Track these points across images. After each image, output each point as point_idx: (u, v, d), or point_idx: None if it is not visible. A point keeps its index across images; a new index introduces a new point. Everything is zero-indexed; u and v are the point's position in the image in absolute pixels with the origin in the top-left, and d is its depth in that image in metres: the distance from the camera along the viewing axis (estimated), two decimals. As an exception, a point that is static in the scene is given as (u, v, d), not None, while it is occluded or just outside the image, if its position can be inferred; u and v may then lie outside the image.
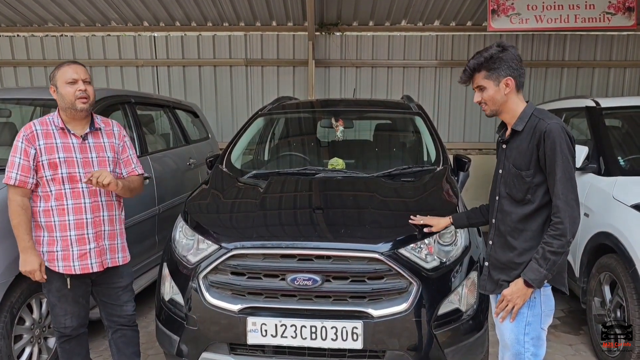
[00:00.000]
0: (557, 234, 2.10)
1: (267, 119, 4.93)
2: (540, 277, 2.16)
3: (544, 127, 2.14)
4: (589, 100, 4.65)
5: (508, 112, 2.30)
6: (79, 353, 3.02)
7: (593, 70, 8.34)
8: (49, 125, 2.78)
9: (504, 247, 2.32)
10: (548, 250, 2.12)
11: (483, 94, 2.28)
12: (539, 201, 2.20)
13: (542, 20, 7.08)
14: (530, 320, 2.26)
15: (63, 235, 2.74)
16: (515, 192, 2.25)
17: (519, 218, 2.25)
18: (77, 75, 2.73)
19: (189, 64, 8.53)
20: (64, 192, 2.73)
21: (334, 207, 3.32)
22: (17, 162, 2.70)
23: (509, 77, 2.22)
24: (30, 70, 8.75)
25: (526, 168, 2.21)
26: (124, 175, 2.97)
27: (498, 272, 2.35)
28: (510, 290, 2.24)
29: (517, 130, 2.26)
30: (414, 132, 4.76)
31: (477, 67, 2.26)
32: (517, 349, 2.28)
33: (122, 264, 2.98)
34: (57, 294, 2.83)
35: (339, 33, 8.38)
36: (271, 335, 2.75)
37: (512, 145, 2.31)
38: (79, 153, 2.78)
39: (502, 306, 2.28)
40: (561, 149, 2.10)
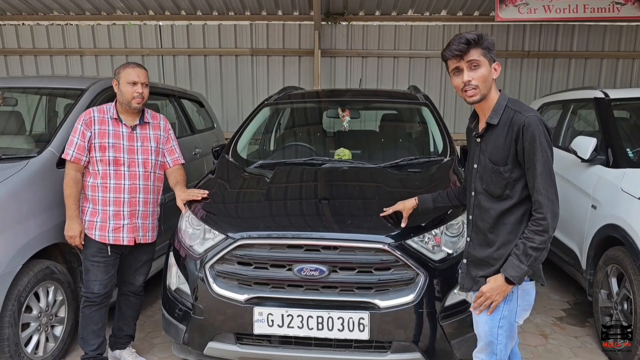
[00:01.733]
0: (540, 230, 2.04)
1: (273, 109, 4.92)
2: (521, 273, 2.08)
3: (522, 120, 2.06)
4: (597, 91, 4.60)
5: (487, 100, 2.19)
6: (97, 322, 3.23)
7: (601, 61, 8.27)
8: (106, 114, 3.18)
9: (482, 243, 2.24)
10: (530, 246, 2.05)
11: (476, 72, 2.11)
12: (518, 196, 2.13)
13: (551, 10, 7.01)
14: (505, 314, 2.20)
15: (103, 209, 3.14)
16: (493, 188, 2.17)
17: (498, 213, 2.17)
18: (138, 78, 3.14)
19: (195, 53, 8.51)
20: (108, 172, 3.13)
21: (341, 198, 3.31)
22: (75, 142, 3.11)
23: (497, 62, 2.16)
24: (36, 58, 8.75)
25: (504, 163, 2.13)
26: (167, 162, 3.38)
27: (477, 268, 2.27)
28: (490, 286, 2.16)
29: (492, 124, 2.16)
30: (421, 122, 4.73)
31: (476, 40, 2.09)
32: (490, 340, 2.24)
33: (151, 241, 3.36)
34: (92, 259, 3.16)
35: (345, 23, 8.33)
36: (277, 325, 2.75)
37: (487, 140, 2.21)
38: (126, 141, 3.18)
39: (480, 301, 2.20)
40: (540, 143, 2.03)
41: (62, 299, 3.43)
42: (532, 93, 8.32)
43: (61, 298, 3.43)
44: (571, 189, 4.34)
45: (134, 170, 3.18)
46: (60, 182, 3.16)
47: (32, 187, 3.25)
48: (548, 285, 4.98)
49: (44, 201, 3.30)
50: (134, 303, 3.49)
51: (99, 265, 3.16)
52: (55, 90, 4.41)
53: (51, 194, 3.33)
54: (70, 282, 3.48)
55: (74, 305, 3.51)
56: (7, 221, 3.03)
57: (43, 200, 3.30)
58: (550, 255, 4.81)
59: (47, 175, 3.37)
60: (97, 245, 3.15)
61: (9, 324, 2.99)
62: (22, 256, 3.07)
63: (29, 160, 3.35)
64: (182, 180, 3.38)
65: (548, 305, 4.52)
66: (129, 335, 3.52)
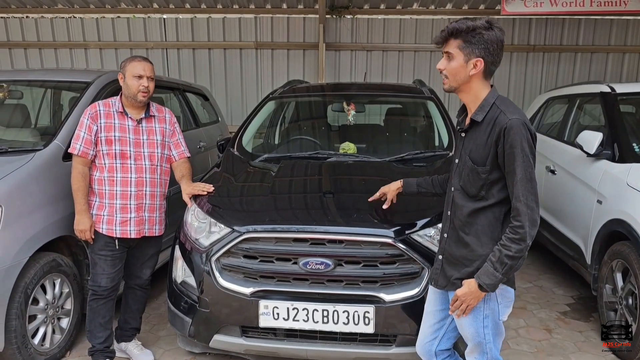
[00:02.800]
0: (517, 238, 1.98)
1: (278, 103, 4.91)
2: (496, 281, 2.03)
3: (505, 122, 1.98)
4: (603, 85, 4.58)
5: (468, 94, 2.13)
6: (104, 315, 3.24)
7: (607, 55, 8.23)
8: (111, 107, 3.17)
9: (457, 241, 2.20)
10: (506, 254, 1.99)
11: (449, 64, 2.09)
12: (493, 198, 2.08)
13: (557, 4, 6.97)
14: (487, 313, 2.16)
15: (110, 203, 3.13)
16: (469, 186, 2.13)
17: (470, 212, 2.13)
18: (144, 72, 3.14)
19: (199, 47, 8.50)
20: (115, 166, 3.13)
21: (346, 192, 3.32)
22: (81, 136, 3.09)
23: (479, 59, 2.03)
24: (40, 51, 8.75)
25: (482, 163, 2.07)
26: (173, 156, 3.37)
27: (451, 267, 2.22)
28: (463, 291, 2.11)
29: (477, 120, 2.10)
30: (426, 116, 4.72)
31: (455, 32, 2.04)
32: (478, 341, 2.22)
33: (158, 234, 3.36)
34: (99, 253, 3.17)
35: (350, 16, 8.31)
36: (283, 319, 2.77)
37: (470, 136, 2.15)
38: (132, 134, 3.17)
39: (456, 305, 2.16)
40: (522, 148, 1.95)
41: (68, 291, 3.45)
42: (538, 87, 8.29)
43: (67, 290, 3.45)
44: (577, 183, 4.33)
45: (141, 163, 3.18)
46: (66, 175, 3.17)
47: (38, 180, 3.26)
48: (553, 279, 4.99)
49: (50, 194, 3.31)
50: (141, 296, 3.50)
51: (106, 258, 3.17)
52: (61, 83, 4.41)
53: (57, 187, 3.34)
54: (76, 275, 3.50)
55: (80, 297, 3.53)
56: (13, 214, 3.04)
57: (49, 193, 3.31)
58: (554, 249, 4.81)
59: (53, 168, 3.38)
60: (104, 238, 3.15)
61: (16, 316, 3.00)
62: (29, 249, 3.08)
63: (35, 153, 3.35)
64: (187, 173, 3.39)
65: (552, 300, 4.52)
66: (135, 328, 3.54)
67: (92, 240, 3.15)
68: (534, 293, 4.67)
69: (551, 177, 4.86)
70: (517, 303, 4.38)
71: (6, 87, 4.30)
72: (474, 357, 2.30)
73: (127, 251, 3.28)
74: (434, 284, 2.35)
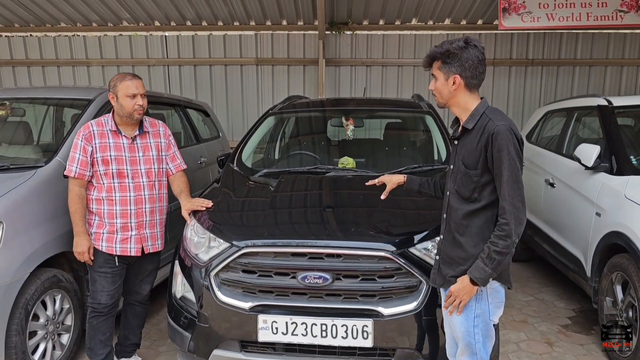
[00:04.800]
0: (503, 235, 2.12)
1: (277, 118, 4.95)
2: (485, 275, 2.17)
3: (493, 128, 2.14)
4: (601, 99, 4.61)
5: (457, 107, 2.31)
6: (104, 332, 3.25)
7: (605, 68, 8.28)
8: (104, 127, 3.16)
9: (452, 242, 2.33)
10: (493, 250, 2.13)
11: (435, 84, 2.31)
12: (485, 200, 2.22)
13: (554, 19, 7.03)
14: (478, 312, 2.27)
15: (110, 222, 3.14)
16: (463, 190, 2.27)
17: (464, 214, 2.26)
18: (137, 90, 3.12)
19: (200, 63, 8.58)
20: (113, 186, 3.12)
21: (344, 206, 3.33)
22: (77, 158, 3.08)
23: (456, 75, 2.22)
24: (43, 69, 8.85)
25: (474, 167, 2.22)
26: (169, 169, 3.39)
27: (447, 266, 2.36)
28: (457, 287, 2.25)
29: (467, 128, 2.26)
30: (425, 131, 4.75)
31: (434, 56, 2.28)
32: (468, 340, 2.30)
33: (160, 250, 3.38)
34: (99, 270, 3.17)
35: (350, 32, 8.39)
36: (282, 333, 2.77)
37: (462, 143, 2.32)
38: (128, 152, 3.17)
39: (449, 301, 2.29)
40: (508, 151, 2.10)
41: (68, 307, 3.46)
42: (537, 101, 8.33)
43: (68, 306, 3.46)
44: (575, 196, 4.34)
45: (138, 181, 3.18)
46: (67, 192, 3.18)
47: (40, 196, 3.29)
48: (554, 292, 4.98)
49: (51, 210, 3.34)
50: (140, 312, 3.51)
51: (106, 276, 3.17)
52: (63, 100, 4.46)
53: (58, 203, 3.36)
54: (76, 291, 3.51)
55: (80, 313, 3.54)
56: (14, 230, 3.06)
57: (50, 210, 3.33)
58: (555, 262, 4.81)
59: (54, 184, 3.40)
60: (104, 256, 3.15)
61: (16, 332, 3.01)
62: (30, 265, 3.10)
63: (37, 170, 3.39)
64: (185, 188, 3.39)
65: (553, 313, 4.51)
66: (135, 344, 3.54)
67: (91, 261, 3.15)
68: (535, 306, 4.66)
69: (550, 190, 4.88)
70: (518, 316, 4.40)
71: (8, 104, 4.34)
72: (464, 357, 2.35)
73: (127, 268, 3.29)
74: (433, 283, 2.50)
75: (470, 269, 2.21)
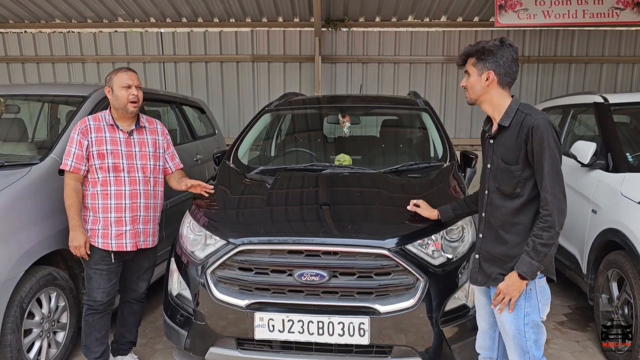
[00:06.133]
0: (546, 226, 2.16)
1: (274, 115, 4.94)
2: (533, 269, 2.20)
3: (532, 122, 2.20)
4: (597, 96, 4.62)
5: (489, 104, 2.36)
6: (100, 329, 3.24)
7: (601, 65, 8.29)
8: (101, 121, 3.17)
9: (495, 240, 2.36)
10: (538, 242, 2.17)
11: (467, 80, 2.38)
12: (528, 194, 2.25)
13: (550, 16, 7.03)
14: (528, 310, 2.30)
15: (104, 217, 3.12)
16: (505, 186, 2.30)
17: (510, 212, 2.30)
18: (131, 81, 3.14)
19: (196, 60, 8.55)
20: (108, 179, 3.12)
21: (341, 203, 3.32)
22: (72, 152, 3.08)
23: (490, 71, 2.29)
24: (38, 66, 8.79)
25: (515, 163, 2.26)
26: (169, 167, 3.43)
27: (490, 264, 2.39)
28: (505, 283, 2.28)
29: (504, 125, 2.30)
30: (421, 128, 4.75)
31: (470, 53, 2.36)
32: (519, 339, 2.33)
33: (152, 246, 3.35)
34: (94, 267, 3.16)
35: (346, 29, 8.37)
36: (278, 331, 2.76)
37: (499, 141, 2.35)
38: (124, 146, 3.17)
39: (499, 299, 2.31)
40: (548, 143, 2.15)
41: (64, 305, 3.45)
42: (533, 98, 8.34)
43: (63, 304, 3.44)
44: (571, 193, 4.33)
45: (134, 175, 3.18)
46: (62, 189, 3.16)
47: (35, 193, 3.28)
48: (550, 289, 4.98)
49: (46, 208, 3.32)
50: (136, 310, 3.50)
51: (102, 273, 3.16)
52: (58, 97, 4.44)
53: (53, 201, 3.35)
54: (72, 288, 3.49)
55: (76, 311, 3.52)
56: (9, 228, 3.05)
57: (45, 207, 3.32)
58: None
59: (49, 182, 3.39)
60: (100, 253, 3.14)
61: (11, 330, 3.00)
62: (25, 263, 3.09)
63: (32, 167, 3.37)
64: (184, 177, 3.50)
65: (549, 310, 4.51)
66: (131, 342, 3.53)
67: (87, 256, 3.13)
68: (530, 303, 4.66)
69: (546, 187, 4.87)
70: (514, 313, 4.40)
71: (3, 101, 4.32)
72: (515, 357, 2.37)
73: (123, 265, 3.28)
74: (474, 282, 2.51)
75: (516, 264, 2.24)
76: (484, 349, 2.61)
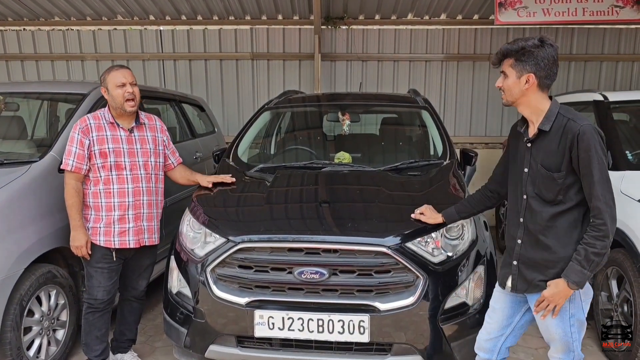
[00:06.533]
0: (601, 235, 2.11)
1: (273, 113, 4.94)
2: (584, 278, 2.16)
3: (577, 128, 2.12)
4: (596, 94, 4.62)
5: (527, 107, 2.28)
6: (100, 328, 3.23)
7: (601, 63, 8.28)
8: (101, 120, 3.16)
9: (535, 246, 2.30)
10: (592, 251, 2.11)
11: (504, 81, 2.28)
12: (570, 201, 2.20)
13: (550, 14, 7.03)
14: (573, 312, 2.29)
15: (107, 215, 3.12)
16: (546, 193, 2.24)
17: (550, 216, 2.23)
18: (125, 79, 3.11)
19: (195, 58, 8.53)
20: (111, 178, 3.11)
21: (341, 201, 3.32)
22: (73, 151, 3.06)
23: (531, 74, 2.19)
24: (37, 64, 8.77)
25: (557, 170, 2.19)
26: (172, 163, 3.47)
27: (532, 271, 2.32)
28: (551, 291, 2.22)
29: (544, 130, 2.23)
30: (421, 126, 4.74)
31: (507, 53, 2.25)
32: (566, 340, 2.33)
33: (155, 243, 3.36)
34: (95, 266, 3.15)
35: (345, 27, 8.35)
36: (278, 328, 2.77)
37: (538, 145, 2.27)
38: (125, 144, 3.17)
39: (543, 306, 2.26)
40: (596, 151, 2.09)
41: (63, 302, 3.45)
42: (532, 96, 8.31)
43: (63, 302, 3.45)
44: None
45: (136, 173, 3.18)
46: (62, 187, 3.16)
47: (34, 191, 3.27)
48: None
49: (46, 206, 3.32)
50: (136, 308, 3.50)
51: (102, 271, 3.15)
52: (57, 95, 4.43)
53: (53, 199, 3.35)
54: (72, 286, 3.50)
55: (75, 308, 3.53)
56: (9, 226, 3.05)
57: (45, 205, 3.31)
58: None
59: (48, 179, 3.39)
60: (101, 251, 3.14)
61: (11, 328, 3.00)
62: (24, 260, 3.09)
63: (31, 165, 3.37)
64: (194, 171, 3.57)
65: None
66: (131, 339, 3.53)
67: (88, 255, 3.12)
68: (530, 301, 4.66)
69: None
70: (513, 311, 4.40)
71: (2, 99, 4.31)
72: (558, 357, 2.39)
73: (123, 263, 3.27)
74: (514, 290, 2.41)
75: (566, 273, 2.18)
76: (484, 351, 2.58)
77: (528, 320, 2.52)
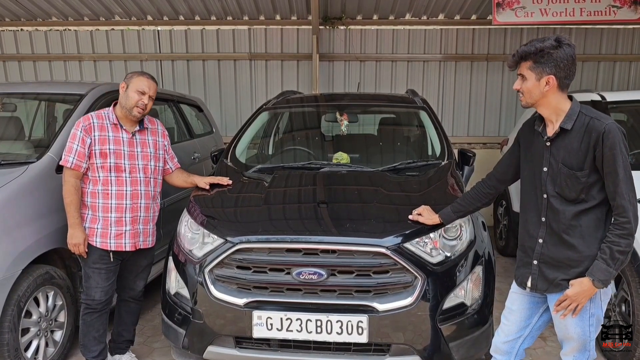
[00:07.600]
0: (625, 234, 2.12)
1: (271, 113, 4.93)
2: (610, 277, 2.16)
3: (602, 127, 2.12)
4: (594, 94, 4.62)
5: (547, 107, 2.27)
6: (98, 328, 3.23)
7: (598, 64, 8.29)
8: (104, 120, 3.15)
9: (558, 244, 2.29)
10: (617, 250, 2.12)
11: (523, 84, 2.26)
12: (593, 200, 2.20)
13: (548, 14, 7.03)
14: (593, 311, 2.29)
15: (104, 216, 3.12)
16: (568, 191, 2.23)
17: (573, 215, 2.23)
18: (148, 90, 3.14)
19: (193, 58, 8.52)
20: (109, 179, 3.11)
21: (339, 202, 3.32)
22: (74, 148, 3.05)
23: (551, 76, 2.18)
24: (34, 64, 8.75)
25: (579, 168, 2.18)
26: (170, 168, 3.49)
27: (554, 270, 2.31)
28: (575, 290, 2.21)
29: (566, 128, 2.22)
30: (419, 126, 4.74)
31: (525, 55, 2.22)
32: (584, 339, 2.33)
33: (151, 246, 3.38)
34: (93, 266, 3.15)
35: (343, 27, 8.35)
36: (276, 329, 2.76)
37: (559, 144, 2.26)
38: (126, 147, 3.17)
39: (564, 305, 2.25)
40: (620, 149, 2.10)
41: (61, 303, 3.44)
42: (530, 96, 8.32)
43: (61, 303, 3.44)
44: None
45: (135, 176, 3.18)
46: (59, 187, 3.16)
47: (32, 192, 3.27)
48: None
49: (43, 206, 3.31)
50: (134, 308, 3.50)
51: (100, 272, 3.15)
52: (54, 95, 4.42)
53: (50, 199, 3.34)
54: (69, 287, 3.49)
55: (73, 310, 3.52)
56: (6, 226, 3.04)
57: (42, 206, 3.31)
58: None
59: (46, 180, 3.38)
60: (98, 252, 3.14)
61: (8, 329, 2.99)
62: (22, 261, 3.08)
63: (28, 166, 3.36)
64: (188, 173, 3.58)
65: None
66: (129, 340, 3.53)
67: (85, 254, 3.12)
68: (528, 301, 4.66)
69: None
70: (511, 311, 4.40)
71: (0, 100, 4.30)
72: (572, 356, 2.40)
73: (120, 264, 3.27)
74: (534, 289, 2.40)
75: (591, 272, 2.18)
76: (501, 354, 2.57)
77: (546, 320, 2.51)
